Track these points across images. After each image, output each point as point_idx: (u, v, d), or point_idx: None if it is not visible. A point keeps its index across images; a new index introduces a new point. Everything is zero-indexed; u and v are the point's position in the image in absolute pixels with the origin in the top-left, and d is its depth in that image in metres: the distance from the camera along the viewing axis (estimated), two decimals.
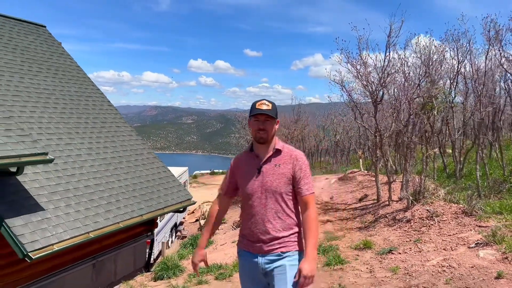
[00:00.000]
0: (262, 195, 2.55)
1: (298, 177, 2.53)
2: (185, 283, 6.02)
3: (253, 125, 2.56)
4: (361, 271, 5.74)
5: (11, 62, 9.36)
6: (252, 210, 2.57)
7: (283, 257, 2.51)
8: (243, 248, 2.67)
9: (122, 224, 7.88)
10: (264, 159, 2.58)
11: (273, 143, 2.60)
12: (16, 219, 6.24)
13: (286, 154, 2.58)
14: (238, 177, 2.69)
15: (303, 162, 2.57)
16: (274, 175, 2.54)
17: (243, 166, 2.66)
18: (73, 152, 8.46)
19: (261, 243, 2.54)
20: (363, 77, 8.59)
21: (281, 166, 2.55)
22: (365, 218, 8.66)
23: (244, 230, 2.67)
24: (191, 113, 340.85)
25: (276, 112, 2.57)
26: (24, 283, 6.97)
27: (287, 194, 2.55)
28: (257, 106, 2.53)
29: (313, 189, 2.59)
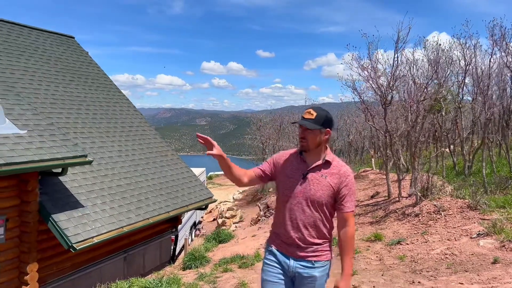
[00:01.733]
0: (303, 201, 2.54)
1: (343, 194, 2.53)
2: (212, 271, 6.67)
3: (299, 132, 2.59)
4: (371, 259, 6.33)
5: (47, 72, 10.19)
6: (291, 213, 2.57)
7: (315, 266, 2.55)
8: (276, 247, 2.67)
9: (151, 219, 8.60)
10: (312, 167, 2.57)
11: (323, 152, 2.59)
12: (60, 215, 7.00)
13: (335, 168, 2.57)
14: (279, 174, 2.66)
15: (351, 179, 2.56)
16: (319, 185, 2.52)
17: (288, 165, 2.64)
18: (105, 154, 9.22)
19: (296, 247, 2.56)
20: (373, 81, 9.15)
21: (328, 178, 2.54)
22: (376, 213, 9.21)
23: (278, 229, 2.66)
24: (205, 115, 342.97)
25: (322, 121, 2.51)
26: (67, 272, 7.74)
27: (327, 205, 2.54)
28: (303, 115, 2.56)
29: (354, 208, 2.60)
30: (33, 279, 6.88)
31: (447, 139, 12.46)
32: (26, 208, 6.78)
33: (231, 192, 29.90)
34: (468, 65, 12.03)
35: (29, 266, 6.79)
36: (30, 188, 6.73)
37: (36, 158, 6.45)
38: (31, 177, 6.71)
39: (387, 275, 5.38)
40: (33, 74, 9.72)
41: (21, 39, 10.63)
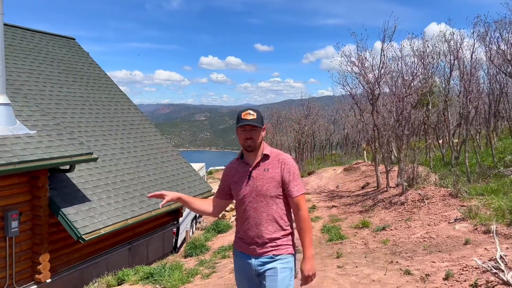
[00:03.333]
0: (253, 200, 2.61)
1: (288, 180, 2.59)
2: (211, 258, 7.23)
3: (241, 134, 2.63)
4: (357, 244, 6.88)
5: (51, 74, 10.67)
6: (245, 214, 2.64)
7: (275, 259, 2.58)
8: (238, 249, 2.75)
9: (154, 212, 9.14)
10: (253, 165, 2.66)
11: (261, 149, 2.68)
12: (69, 208, 7.53)
13: (274, 159, 2.66)
14: (230, 184, 2.75)
15: (291, 165, 2.64)
16: (264, 179, 2.60)
17: (234, 174, 2.74)
18: (109, 152, 9.73)
19: (254, 245, 2.61)
20: (362, 77, 9.66)
21: (270, 170, 2.62)
22: (366, 203, 9.76)
23: (238, 232, 2.73)
24: (204, 110, 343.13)
25: (261, 120, 2.65)
26: (76, 262, 8.29)
27: (277, 197, 2.60)
28: (242, 117, 2.61)
29: (303, 190, 2.65)
30: (45, 269, 7.43)
31: (434, 131, 12.99)
32: (37, 203, 7.30)
33: None
34: (455, 59, 12.52)
35: (41, 256, 7.33)
36: (41, 184, 7.25)
37: (46, 156, 6.97)
38: (42, 174, 7.23)
39: (370, 257, 5.92)
40: (38, 76, 10.20)
41: (25, 42, 11.10)
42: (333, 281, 4.77)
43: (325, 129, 34.66)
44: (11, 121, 7.17)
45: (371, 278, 4.76)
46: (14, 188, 6.98)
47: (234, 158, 2.86)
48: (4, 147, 6.54)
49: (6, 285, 6.91)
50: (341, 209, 9.81)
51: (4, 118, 7.03)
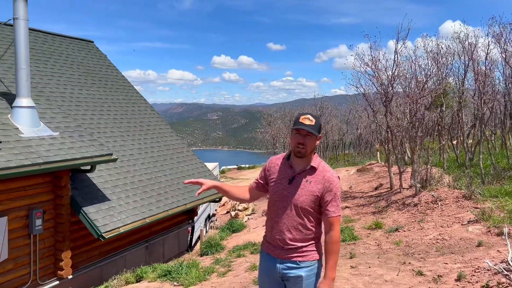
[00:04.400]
0: (287, 205, 2.59)
1: (327, 199, 2.54)
2: (226, 257, 7.42)
3: (294, 138, 2.57)
4: (370, 244, 6.99)
5: (71, 76, 10.99)
6: (275, 216, 2.64)
7: (300, 266, 2.57)
8: (265, 250, 2.74)
9: (170, 211, 9.37)
10: (297, 172, 2.61)
11: (310, 158, 2.62)
12: (90, 207, 7.79)
13: (320, 174, 2.59)
14: (269, 180, 2.73)
15: (335, 185, 2.56)
16: (303, 190, 2.56)
17: (276, 171, 2.71)
18: (127, 152, 10.00)
19: (280, 249, 2.61)
20: (375, 80, 9.74)
21: (312, 183, 2.56)
22: (379, 204, 9.84)
23: (267, 231, 2.74)
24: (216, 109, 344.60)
25: (319, 128, 2.57)
26: (95, 259, 8.56)
27: (310, 210, 2.57)
28: (300, 120, 2.54)
29: (340, 212, 2.59)
30: (67, 265, 7.71)
31: (448, 132, 12.97)
32: (60, 202, 7.57)
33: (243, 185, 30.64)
34: (470, 60, 12.47)
35: (64, 253, 7.61)
36: (63, 184, 7.52)
37: (68, 157, 7.24)
38: (64, 174, 7.50)
39: (383, 257, 6.04)
40: (59, 78, 10.52)
41: (46, 45, 11.44)
42: (347, 281, 4.91)
43: (338, 129, 34.65)
44: (36, 123, 7.46)
45: (384, 279, 4.88)
46: (38, 188, 7.26)
47: (280, 154, 2.83)
48: (29, 148, 6.82)
49: (31, 280, 7.20)
50: (354, 210, 9.91)
51: (29, 120, 7.32)
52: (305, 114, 2.58)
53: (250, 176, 38.11)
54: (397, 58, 9.40)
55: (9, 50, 9.06)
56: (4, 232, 6.51)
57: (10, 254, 6.74)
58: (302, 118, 2.54)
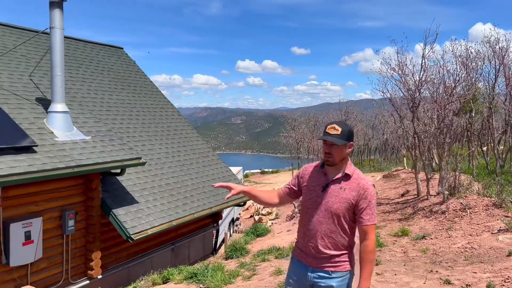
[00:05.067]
0: (320, 213, 2.58)
1: (361, 207, 2.54)
2: (251, 261, 7.48)
3: (323, 147, 2.62)
4: (396, 251, 6.92)
5: (102, 82, 11.36)
6: (308, 223, 2.63)
7: (332, 276, 2.56)
8: (296, 256, 2.74)
9: (196, 214, 9.53)
10: (332, 180, 2.61)
11: (344, 165, 2.63)
12: (119, 209, 8.03)
13: (354, 181, 2.59)
14: (303, 187, 2.75)
15: (370, 193, 2.56)
16: (337, 198, 2.56)
17: (310, 179, 2.72)
18: (154, 156, 10.24)
19: (312, 257, 2.61)
20: (402, 85, 9.64)
21: (346, 191, 2.56)
22: (405, 211, 9.71)
23: (299, 238, 2.74)
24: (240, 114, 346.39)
25: (347, 136, 2.56)
26: (123, 260, 8.80)
27: (344, 218, 2.56)
28: (326, 130, 2.57)
29: (375, 220, 2.57)
30: (97, 265, 7.96)
31: (478, 139, 12.68)
32: (91, 204, 7.84)
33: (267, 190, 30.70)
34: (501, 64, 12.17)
35: (94, 254, 7.86)
36: (94, 186, 7.78)
37: (100, 161, 7.49)
38: (95, 176, 7.76)
39: (409, 265, 5.98)
40: (90, 84, 10.89)
41: (78, 52, 11.87)
42: (372, 287, 4.90)
43: (363, 134, 34.28)
44: (69, 127, 7.77)
45: (410, 286, 4.85)
46: (71, 190, 7.54)
47: (314, 162, 2.86)
48: (63, 152, 7.11)
49: (63, 279, 7.47)
50: (380, 216, 9.81)
51: (63, 124, 7.63)
52: (332, 123, 2.60)
53: (274, 181, 38.13)
54: (424, 63, 9.29)
55: (44, 57, 9.46)
56: (39, 231, 6.79)
57: (44, 253, 7.02)
58: (328, 128, 2.57)
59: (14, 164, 6.16)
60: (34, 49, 10.03)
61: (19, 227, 6.48)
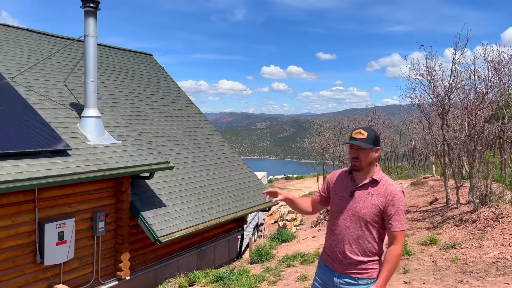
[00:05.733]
0: (348, 218, 2.59)
1: (390, 213, 2.51)
2: (276, 266, 7.50)
3: (349, 152, 2.65)
4: (424, 260, 6.79)
5: (132, 88, 11.67)
6: (336, 229, 2.64)
7: (358, 283, 2.56)
8: (323, 261, 2.75)
9: (222, 219, 9.62)
10: (359, 185, 2.62)
11: (372, 171, 2.63)
12: (147, 212, 8.21)
13: (382, 187, 2.58)
14: (331, 192, 2.77)
15: (398, 198, 2.53)
16: (365, 203, 2.56)
17: (338, 184, 2.74)
18: (182, 160, 10.42)
19: (339, 262, 2.61)
20: (431, 91, 9.48)
21: (374, 196, 2.56)
22: (434, 219, 9.50)
23: (326, 243, 2.76)
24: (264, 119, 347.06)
25: (374, 140, 2.57)
26: (151, 262, 8.97)
27: (372, 224, 2.55)
28: (352, 135, 2.60)
29: (404, 227, 2.55)
30: (126, 267, 8.15)
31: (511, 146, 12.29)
32: (121, 206, 8.05)
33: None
34: None
35: (123, 255, 8.06)
36: (124, 189, 8.00)
37: (130, 164, 7.70)
38: (125, 180, 7.98)
39: (438, 274, 5.86)
40: (120, 90, 11.22)
41: (110, 59, 12.25)
42: None
43: (390, 141, 33.72)
44: (101, 131, 8.02)
45: None
46: (102, 192, 7.78)
47: (343, 168, 2.90)
48: (95, 155, 7.35)
49: (93, 279, 7.69)
50: (407, 224, 9.64)
51: (95, 129, 7.89)
52: (357, 128, 2.63)
53: (298, 187, 37.95)
54: (454, 68, 9.11)
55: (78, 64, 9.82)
56: (72, 232, 7.03)
57: (76, 254, 7.25)
58: (354, 132, 2.60)
59: (50, 166, 6.42)
60: (68, 56, 10.43)
61: (53, 227, 6.73)
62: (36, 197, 6.56)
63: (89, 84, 8.06)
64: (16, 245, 6.37)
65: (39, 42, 10.15)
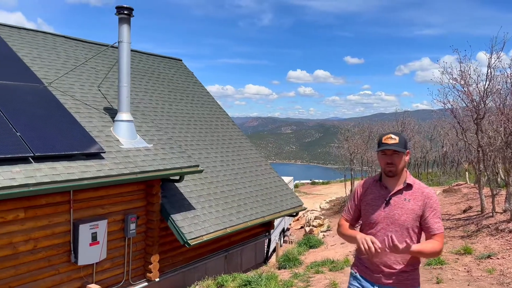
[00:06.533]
0: (387, 227, 2.53)
1: (428, 216, 2.50)
2: (304, 272, 7.45)
3: (381, 159, 2.57)
4: (458, 270, 6.59)
5: (162, 93, 11.90)
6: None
7: None
8: (359, 273, 2.68)
9: (249, 223, 9.64)
10: (394, 191, 2.58)
11: (404, 176, 2.60)
12: (177, 215, 8.32)
13: (417, 191, 2.56)
14: (362, 203, 2.69)
15: (434, 201, 2.53)
16: (403, 209, 2.52)
17: (369, 194, 2.67)
18: (210, 164, 10.52)
19: (380, 274, 2.54)
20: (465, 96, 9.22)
21: (411, 201, 2.53)
22: (468, 228, 9.21)
23: (362, 255, 2.60)
24: (290, 123, 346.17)
25: (405, 144, 2.54)
26: (179, 265, 9.08)
27: (413, 230, 2.51)
28: (383, 141, 2.55)
29: (442, 229, 2.53)
30: (155, 268, 8.27)
31: None
32: (151, 209, 8.19)
33: (317, 201, 30.33)
34: None
35: (153, 257, 8.19)
36: (155, 192, 8.13)
37: (161, 167, 7.84)
38: (156, 183, 8.12)
39: (473, 285, 5.67)
40: (151, 94, 11.46)
41: (141, 64, 12.54)
42: None
43: (420, 146, 32.93)
44: (133, 135, 8.21)
45: None
46: (133, 195, 7.94)
47: (368, 177, 2.85)
48: (128, 159, 7.52)
49: (124, 280, 7.85)
50: None
51: (128, 133, 8.08)
52: (387, 133, 2.59)
53: (324, 192, 37.55)
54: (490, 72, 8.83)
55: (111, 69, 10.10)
56: (105, 233, 7.21)
57: (108, 254, 7.42)
58: (385, 138, 2.56)
59: (84, 169, 6.61)
60: (102, 62, 10.74)
61: (87, 228, 6.91)
62: (71, 198, 6.77)
63: (122, 89, 8.27)
64: (52, 245, 6.58)
65: (74, 48, 10.50)
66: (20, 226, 6.11)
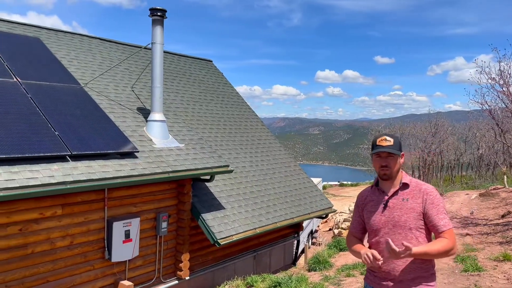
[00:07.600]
0: (389, 231, 2.45)
1: (432, 213, 2.40)
2: (335, 275, 7.33)
3: (376, 161, 2.52)
4: (498, 278, 6.31)
5: (193, 93, 12.04)
6: (379, 247, 2.47)
7: None
8: (369, 283, 2.64)
9: (278, 224, 9.60)
10: (391, 194, 2.52)
11: (399, 177, 2.54)
12: (207, 214, 8.38)
13: (415, 188, 2.50)
14: (364, 213, 2.63)
15: (435, 196, 2.44)
16: (402, 210, 2.45)
17: (368, 202, 2.62)
18: (240, 164, 10.55)
19: (389, 281, 2.46)
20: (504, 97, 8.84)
21: (410, 200, 2.46)
22: (507, 233, 8.81)
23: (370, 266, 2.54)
24: (318, 124, 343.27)
25: (399, 146, 2.50)
26: (209, 264, 9.15)
27: (417, 230, 2.43)
28: (377, 143, 2.50)
29: (450, 224, 2.42)
30: (186, 267, 8.37)
31: None
32: (182, 208, 8.29)
33: (345, 203, 29.91)
34: None
35: (183, 255, 8.28)
36: (186, 191, 8.23)
37: (192, 167, 7.92)
38: (187, 182, 8.21)
39: None
40: (183, 95, 11.60)
41: (173, 65, 12.72)
42: None
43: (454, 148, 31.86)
44: (165, 135, 8.33)
45: None
46: (165, 194, 8.06)
47: (367, 186, 2.82)
48: (160, 158, 7.64)
49: (155, 277, 7.98)
50: (476, 238, 9.03)
51: (160, 132, 8.21)
52: (381, 135, 2.54)
53: (353, 194, 37.00)
54: None
55: (144, 70, 10.29)
56: (137, 231, 7.35)
57: (140, 252, 7.56)
58: (379, 140, 2.51)
59: (119, 168, 6.76)
60: (135, 63, 10.97)
61: (120, 225, 7.07)
62: (106, 196, 6.94)
63: (155, 90, 8.41)
64: (88, 241, 6.76)
65: (109, 50, 10.77)
66: (57, 222, 6.31)
